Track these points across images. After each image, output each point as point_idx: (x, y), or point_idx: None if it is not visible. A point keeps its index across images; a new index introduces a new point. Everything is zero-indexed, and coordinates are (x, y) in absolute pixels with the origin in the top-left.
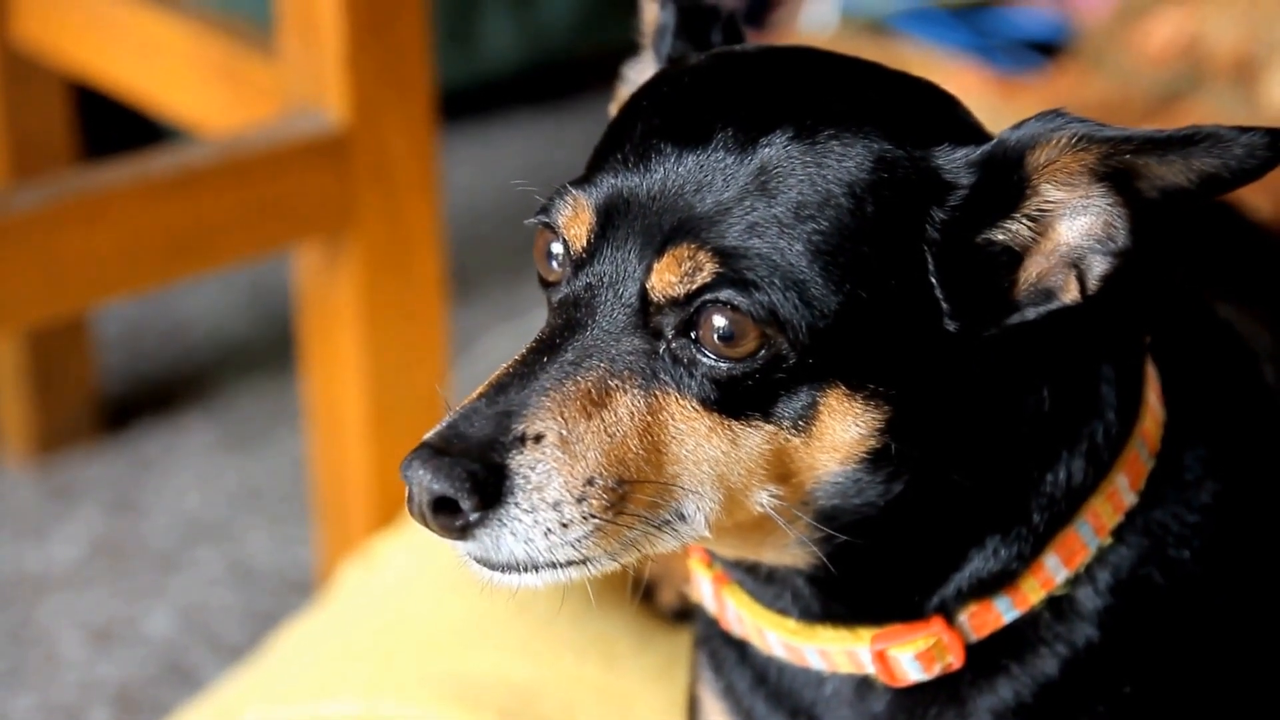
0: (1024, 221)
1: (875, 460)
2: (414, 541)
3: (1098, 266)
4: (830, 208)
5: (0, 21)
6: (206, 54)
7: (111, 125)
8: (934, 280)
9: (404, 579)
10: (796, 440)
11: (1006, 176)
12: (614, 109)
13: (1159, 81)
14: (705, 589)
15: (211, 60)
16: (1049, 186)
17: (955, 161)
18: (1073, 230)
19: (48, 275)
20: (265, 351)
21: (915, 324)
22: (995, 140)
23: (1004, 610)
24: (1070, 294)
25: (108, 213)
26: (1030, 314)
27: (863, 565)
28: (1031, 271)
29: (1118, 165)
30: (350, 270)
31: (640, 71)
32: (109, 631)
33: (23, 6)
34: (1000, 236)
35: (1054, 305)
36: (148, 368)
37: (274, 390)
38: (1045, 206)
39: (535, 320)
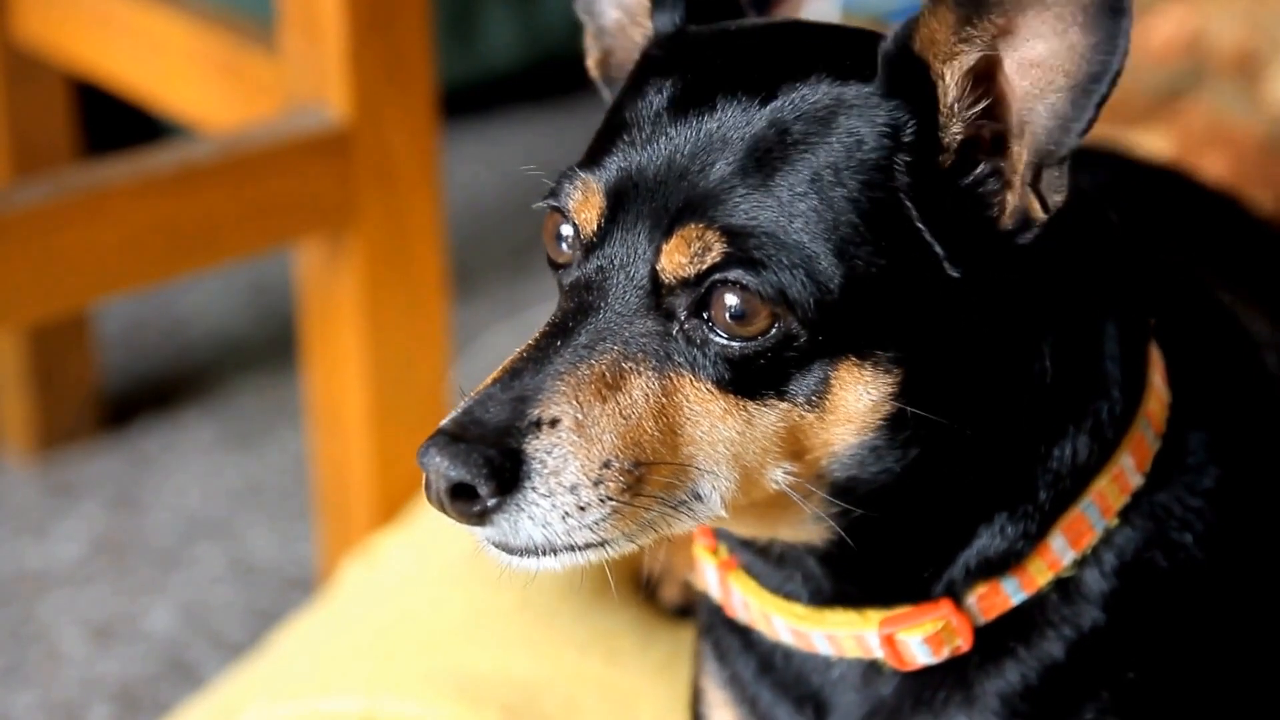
0: (951, 117)
1: (890, 426)
2: (415, 538)
3: (1049, 175)
4: (818, 182)
5: (1, 18)
6: (208, 50)
7: (113, 122)
8: (921, 227)
9: (405, 576)
10: (811, 416)
11: (912, 80)
12: (591, 63)
13: (1161, 78)
14: (710, 575)
15: (213, 57)
16: (940, 66)
17: (875, 97)
18: (1005, 112)
19: (49, 272)
20: (266, 348)
21: (918, 279)
22: (880, 51)
23: (1012, 592)
24: (1035, 211)
25: (109, 209)
26: (1023, 239)
27: (876, 539)
28: (1009, 198)
29: (985, 23)
30: (351, 267)
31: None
32: (110, 628)
33: (24, 3)
34: (946, 140)
35: (1034, 229)
36: (148, 365)
37: (275, 387)
38: (952, 91)
39: (537, 316)
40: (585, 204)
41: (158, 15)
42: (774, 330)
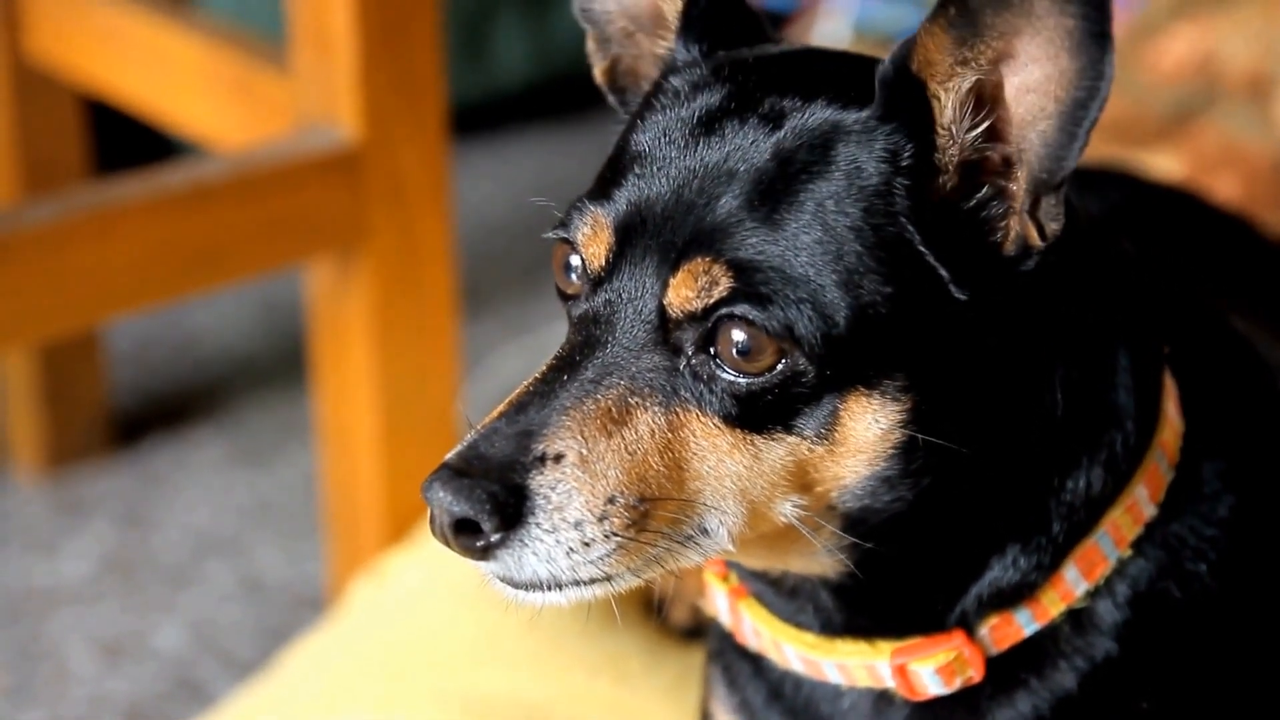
0: (949, 139)
1: (902, 454)
2: (425, 557)
3: (1046, 203)
4: (821, 212)
5: (12, 36)
6: (219, 69)
7: (124, 140)
8: (924, 250)
9: (415, 595)
10: (820, 449)
11: (909, 102)
12: (597, 72)
13: (1173, 99)
14: (721, 602)
15: (224, 75)
16: (937, 87)
17: (873, 121)
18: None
19: (60, 290)
20: (276, 366)
21: (924, 304)
22: (877, 75)
23: (1024, 623)
24: (1034, 239)
25: (120, 228)
26: (1025, 266)
27: (888, 572)
28: (1013, 224)
29: (981, 45)
30: (362, 285)
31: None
32: (119, 646)
33: (35, 21)
34: (944, 161)
35: (1035, 256)
36: (158, 382)
37: (285, 405)
38: (949, 113)
39: (547, 335)
40: (594, 238)
41: (169, 33)
42: (781, 366)
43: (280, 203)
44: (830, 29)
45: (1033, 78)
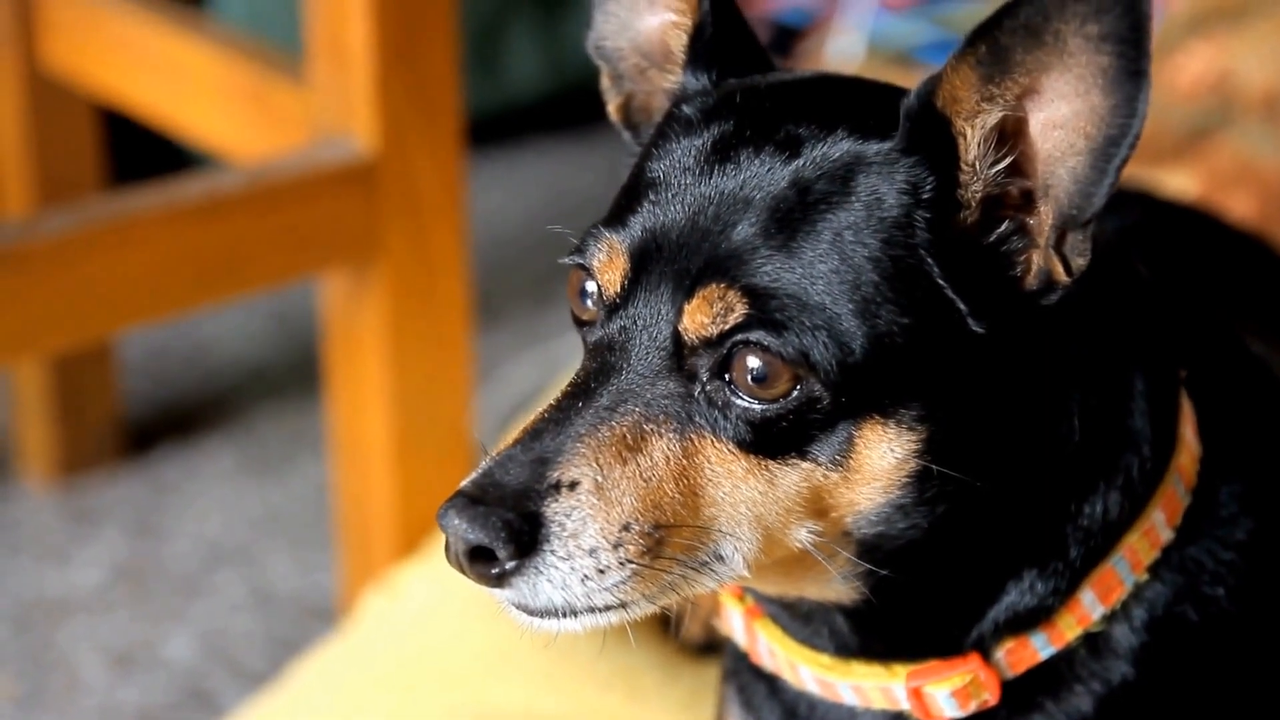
0: (972, 174)
1: (916, 483)
2: (436, 570)
3: (1073, 239)
4: (839, 242)
5: (28, 46)
6: (235, 80)
7: (140, 151)
8: (943, 284)
9: (426, 609)
10: (835, 476)
11: (933, 136)
12: (612, 108)
13: (1189, 117)
14: (736, 622)
15: (240, 86)
16: (962, 124)
17: (895, 154)
18: (1026, 179)
19: (75, 301)
20: (288, 376)
21: (941, 336)
22: (902, 108)
23: (1040, 647)
24: (1059, 274)
25: (135, 239)
26: (1047, 300)
27: (903, 598)
28: (1034, 258)
29: (1008, 82)
30: (376, 296)
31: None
32: (130, 656)
33: (51, 31)
34: (966, 197)
35: (1058, 290)
36: (170, 392)
37: (297, 415)
38: (974, 149)
39: (560, 347)
40: (610, 265)
41: (185, 44)
42: (796, 392)
43: (295, 214)
44: (844, 44)
45: (1059, 114)
